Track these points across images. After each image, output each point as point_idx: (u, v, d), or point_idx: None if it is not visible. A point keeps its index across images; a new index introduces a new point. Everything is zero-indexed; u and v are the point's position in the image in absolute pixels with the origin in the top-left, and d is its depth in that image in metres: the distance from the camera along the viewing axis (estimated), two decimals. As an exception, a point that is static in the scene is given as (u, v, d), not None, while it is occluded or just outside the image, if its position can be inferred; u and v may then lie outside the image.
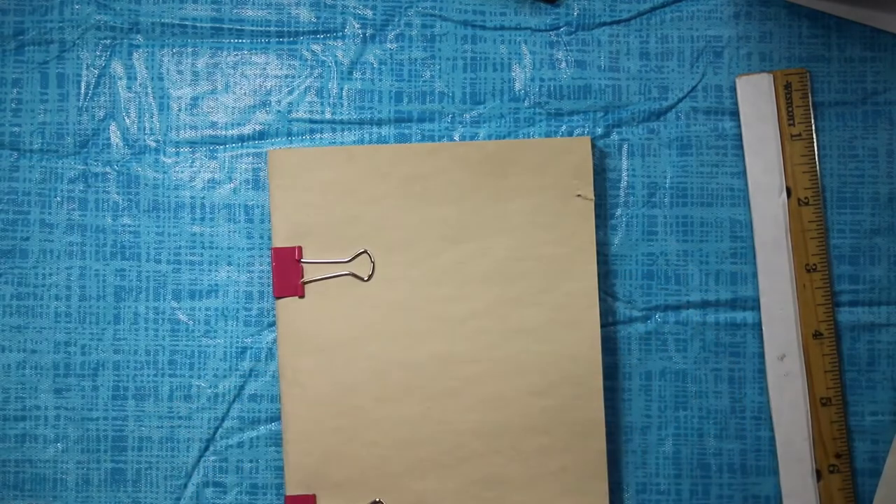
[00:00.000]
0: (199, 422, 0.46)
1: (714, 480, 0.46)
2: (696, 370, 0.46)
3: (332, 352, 0.45)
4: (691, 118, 0.46)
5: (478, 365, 0.45)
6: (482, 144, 0.46)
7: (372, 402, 0.45)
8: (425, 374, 0.45)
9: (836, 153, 0.46)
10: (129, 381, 0.46)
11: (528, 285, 0.45)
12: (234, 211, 0.46)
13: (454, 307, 0.45)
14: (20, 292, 0.46)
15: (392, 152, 0.45)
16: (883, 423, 0.45)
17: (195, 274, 0.46)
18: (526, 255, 0.45)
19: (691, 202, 0.46)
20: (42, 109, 0.47)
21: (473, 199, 0.46)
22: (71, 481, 0.46)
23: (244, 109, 0.47)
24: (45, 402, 0.46)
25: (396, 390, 0.45)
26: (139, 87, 0.47)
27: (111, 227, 0.46)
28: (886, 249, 0.46)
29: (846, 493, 0.45)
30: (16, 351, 0.46)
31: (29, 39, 0.47)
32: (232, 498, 0.45)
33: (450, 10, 0.46)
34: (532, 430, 0.45)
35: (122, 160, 0.47)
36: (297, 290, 0.45)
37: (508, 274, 0.45)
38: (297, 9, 0.46)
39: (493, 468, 0.45)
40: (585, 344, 0.45)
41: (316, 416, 0.45)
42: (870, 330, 0.46)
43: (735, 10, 0.46)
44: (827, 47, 0.46)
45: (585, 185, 0.45)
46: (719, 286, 0.46)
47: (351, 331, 0.45)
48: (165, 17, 0.47)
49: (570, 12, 0.46)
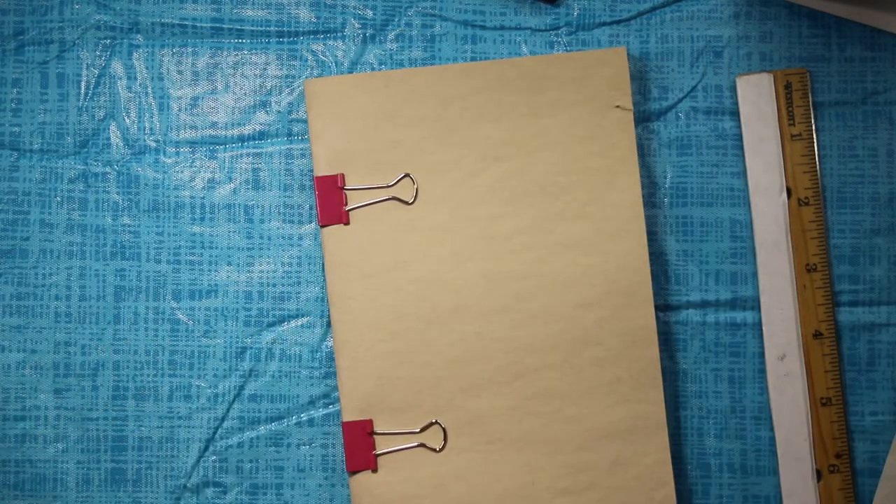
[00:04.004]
0: (198, 422, 0.46)
1: (714, 480, 0.46)
2: (695, 370, 0.46)
3: (379, 277, 0.46)
4: (691, 118, 0.47)
5: (526, 281, 0.46)
6: (518, 61, 0.46)
7: (422, 324, 0.46)
8: (474, 294, 0.46)
9: (836, 153, 0.47)
10: (129, 381, 0.46)
11: (571, 199, 0.46)
12: (234, 211, 0.47)
13: (499, 225, 0.46)
14: (20, 292, 0.47)
15: (428, 74, 0.46)
16: (883, 423, 0.46)
17: (195, 274, 0.47)
18: (568, 169, 0.46)
19: (691, 202, 0.47)
20: (42, 109, 0.47)
21: (512, 117, 0.46)
22: (71, 481, 0.46)
23: (244, 109, 0.47)
24: (45, 402, 0.46)
25: (446, 311, 0.46)
26: (139, 87, 0.47)
27: (111, 227, 0.47)
28: (887, 249, 0.46)
29: (846, 493, 0.45)
30: (16, 351, 0.46)
31: (29, 39, 0.47)
32: (232, 498, 0.46)
33: (450, 10, 0.47)
34: (584, 342, 0.46)
35: (122, 160, 0.47)
36: (341, 218, 0.46)
37: (552, 189, 0.46)
38: (297, 9, 0.47)
39: (548, 382, 0.46)
40: (633, 253, 0.45)
41: (367, 341, 0.46)
42: (870, 330, 0.46)
43: (735, 9, 0.47)
44: (827, 47, 0.47)
45: (623, 95, 0.46)
46: (719, 286, 0.46)
47: (397, 255, 0.46)
48: (165, 17, 0.47)
49: (571, 12, 0.47)
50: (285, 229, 0.47)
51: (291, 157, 0.47)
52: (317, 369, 0.47)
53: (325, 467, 0.47)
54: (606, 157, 0.46)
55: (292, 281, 0.47)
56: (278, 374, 0.47)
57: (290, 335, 0.47)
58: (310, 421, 0.47)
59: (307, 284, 0.47)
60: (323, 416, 0.47)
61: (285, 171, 0.47)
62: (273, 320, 0.47)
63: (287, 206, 0.47)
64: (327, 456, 0.47)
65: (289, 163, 0.47)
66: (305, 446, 0.47)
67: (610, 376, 0.45)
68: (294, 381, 0.47)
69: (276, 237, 0.47)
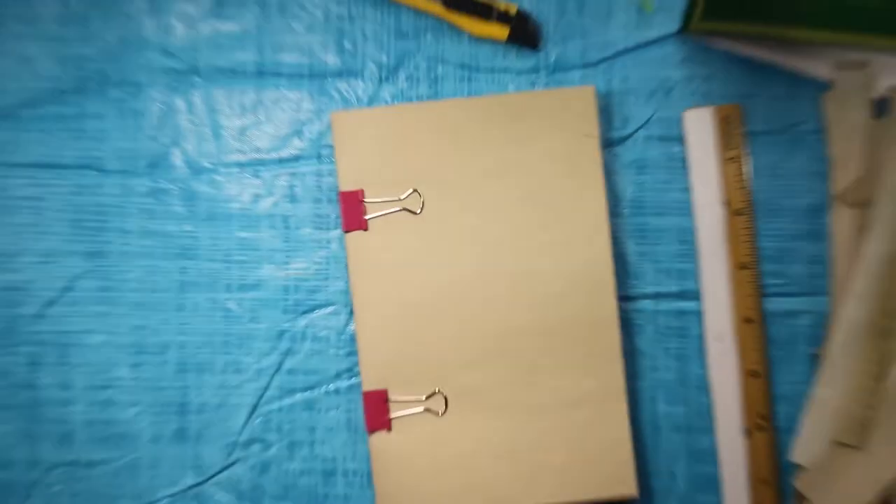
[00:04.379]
0: (246, 391, 0.49)
1: (664, 437, 0.49)
2: (650, 349, 0.49)
3: (392, 273, 0.48)
4: (647, 144, 0.49)
5: (513, 277, 0.47)
6: (505, 97, 0.48)
7: (427, 311, 0.47)
8: (471, 286, 0.47)
9: (763, 173, 0.49)
10: (191, 357, 0.49)
11: (549, 209, 0.47)
12: (274, 220, 0.50)
13: (490, 231, 0.48)
14: (104, 286, 0.49)
15: (432, 108, 0.48)
16: (799, 391, 0.49)
17: (243, 271, 0.50)
18: (546, 187, 0.47)
19: (647, 212, 0.49)
20: (120, 137, 0.49)
21: (500, 142, 0.47)
22: (145, 437, 0.49)
23: (282, 137, 0.50)
24: (124, 374, 0.49)
25: (447, 301, 0.47)
26: (197, 118, 0.50)
27: (175, 233, 0.49)
28: (804, 251, 0.49)
29: (769, 447, 0.48)
30: (101, 333, 0.49)
31: (109, 81, 0.50)
32: (273, 452, 0.49)
33: (450, 55, 0.50)
34: (559, 327, 0.47)
35: (183, 178, 0.50)
36: (361, 225, 0.48)
37: (533, 202, 0.47)
38: (325, 55, 0.50)
39: (530, 359, 0.47)
40: (599, 254, 0.47)
41: (383, 325, 0.47)
42: (790, 316, 0.49)
43: (682, 56, 0.49)
44: (756, 87, 0.49)
45: (591, 125, 0.47)
46: (669, 281, 0.49)
47: (407, 255, 0.48)
48: (218, 62, 0.50)
49: (549, 57, 0.50)
50: (316, 235, 0.49)
51: (321, 175, 0.50)
52: (342, 348, 0.49)
53: (349, 428, 0.49)
54: (577, 176, 0.47)
55: (321, 277, 0.49)
56: (310, 352, 0.49)
57: (320, 321, 0.49)
58: (336, 390, 0.49)
59: (334, 279, 0.49)
60: (347, 386, 0.49)
61: (316, 187, 0.49)
62: (306, 309, 0.49)
63: (317, 216, 0.49)
64: (351, 419, 0.49)
65: (318, 180, 0.49)
66: (333, 410, 0.49)
67: (580, 354, 0.47)
68: (323, 358, 0.49)
69: (308, 241, 0.49)
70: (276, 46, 0.50)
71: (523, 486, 0.47)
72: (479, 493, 0.47)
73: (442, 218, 0.48)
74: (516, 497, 0.47)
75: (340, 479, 0.49)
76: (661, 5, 0.50)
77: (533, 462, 0.47)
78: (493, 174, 0.48)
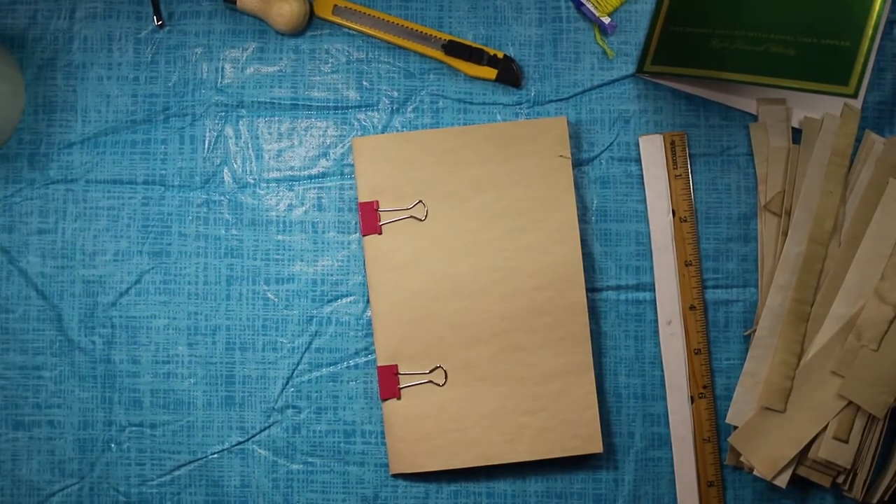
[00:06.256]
0: (282, 366, 0.54)
1: (624, 404, 0.54)
2: (612, 331, 0.54)
3: (402, 269, 0.52)
4: (610, 164, 0.55)
5: (500, 272, 0.51)
6: (493, 126, 0.52)
7: (431, 301, 0.51)
8: (466, 280, 0.51)
9: (704, 187, 0.55)
10: (236, 338, 0.55)
11: (530, 217, 0.51)
12: (305, 225, 0.55)
13: (482, 234, 0.51)
14: (165, 279, 0.55)
15: (435, 134, 0.52)
16: (734, 366, 0.54)
17: (279, 267, 0.55)
18: (527, 197, 0.51)
19: (610, 220, 0.55)
20: (180, 158, 0.55)
21: (490, 162, 0.52)
22: (199, 404, 0.55)
23: (312, 158, 0.55)
24: (182, 352, 0.55)
25: (447, 292, 0.51)
26: (243, 143, 0.55)
27: (224, 236, 0.55)
28: (737, 251, 0.55)
29: (710, 411, 0.54)
30: (162, 318, 0.55)
31: (172, 113, 0.56)
32: (304, 416, 0.54)
33: (449, 91, 0.55)
34: (539, 313, 0.51)
35: (231, 192, 0.55)
36: (376, 230, 0.52)
37: (516, 210, 0.51)
38: (347, 91, 0.56)
39: (515, 340, 0.51)
40: (571, 253, 0.51)
41: (394, 312, 0.51)
42: (725, 304, 0.54)
43: (637, 93, 0.55)
44: (697, 117, 0.55)
45: (564, 148, 0.52)
46: (628, 275, 0.55)
47: (414, 255, 0.51)
48: (261, 97, 0.56)
49: (529, 93, 0.55)
50: (339, 238, 0.54)
51: (343, 189, 0.55)
52: (360, 331, 0.54)
53: (366, 396, 0.54)
54: (553, 190, 0.52)
55: (343, 272, 0.54)
56: (334, 334, 0.55)
57: (342, 308, 0.54)
58: (355, 365, 0.54)
59: (353, 274, 0.54)
60: (364, 362, 0.54)
61: (339, 198, 0.55)
62: (331, 298, 0.55)
63: (340, 222, 0.55)
64: (367, 389, 0.54)
65: (341, 193, 0.55)
66: (353, 382, 0.54)
67: (555, 336, 0.52)
68: (345, 339, 0.54)
69: (333, 243, 0.55)
70: (307, 84, 0.56)
71: (508, 445, 0.52)
72: (471, 450, 0.52)
73: (443, 224, 0.52)
74: (502, 453, 0.52)
75: (359, 438, 0.55)
76: (619, 52, 0.56)
77: (516, 425, 0.52)
78: (485, 188, 0.53)
